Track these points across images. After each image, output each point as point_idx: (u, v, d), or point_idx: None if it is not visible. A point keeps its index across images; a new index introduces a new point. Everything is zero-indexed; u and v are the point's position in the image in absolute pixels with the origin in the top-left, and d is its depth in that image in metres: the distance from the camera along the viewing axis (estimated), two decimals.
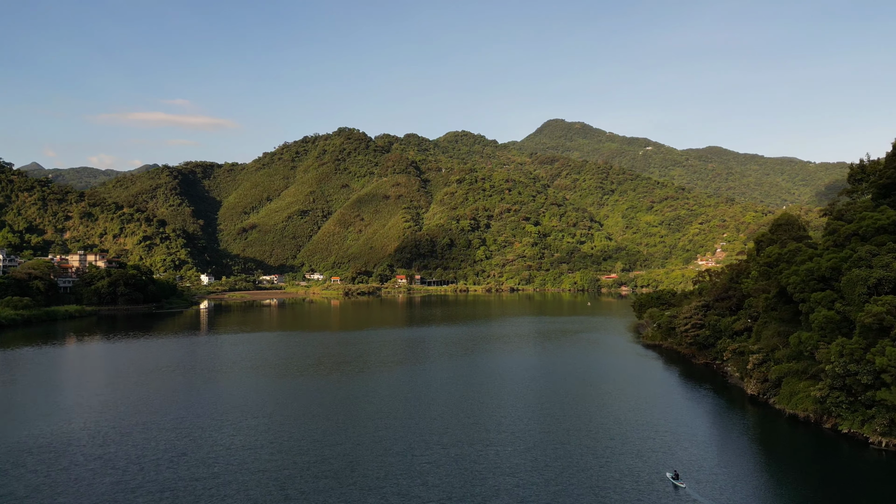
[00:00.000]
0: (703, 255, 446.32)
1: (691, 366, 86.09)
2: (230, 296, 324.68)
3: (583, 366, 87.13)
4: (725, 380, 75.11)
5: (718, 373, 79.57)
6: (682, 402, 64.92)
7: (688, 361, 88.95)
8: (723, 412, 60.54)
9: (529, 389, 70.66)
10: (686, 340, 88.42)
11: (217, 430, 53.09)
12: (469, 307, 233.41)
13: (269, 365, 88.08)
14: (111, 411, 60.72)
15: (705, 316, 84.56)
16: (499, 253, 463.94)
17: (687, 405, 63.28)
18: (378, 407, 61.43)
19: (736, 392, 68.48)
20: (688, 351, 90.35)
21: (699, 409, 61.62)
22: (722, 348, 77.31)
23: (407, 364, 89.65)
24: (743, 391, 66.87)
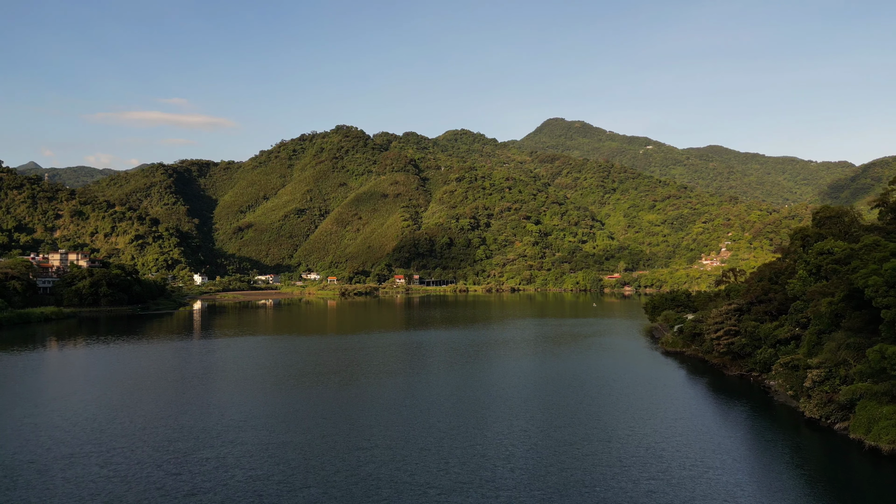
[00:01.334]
0: (707, 255, 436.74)
1: (723, 377, 76.22)
2: (224, 296, 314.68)
3: (599, 377, 77.19)
4: (769, 396, 65.19)
5: (757, 387, 69.68)
6: (724, 423, 55.08)
7: (718, 372, 79.08)
8: (775, 437, 50.73)
9: (541, 408, 60.70)
10: (717, 349, 78.45)
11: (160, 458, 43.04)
12: (469, 308, 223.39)
13: (247, 376, 78.14)
14: (80, 429, 50.84)
15: (740, 321, 74.65)
16: (499, 252, 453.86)
17: (731, 428, 53.44)
18: (362, 433, 51.32)
19: (785, 412, 58.58)
20: (718, 360, 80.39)
21: (746, 433, 51.89)
22: (763, 359, 67.40)
23: (401, 374, 79.62)
24: (795, 411, 56.96)
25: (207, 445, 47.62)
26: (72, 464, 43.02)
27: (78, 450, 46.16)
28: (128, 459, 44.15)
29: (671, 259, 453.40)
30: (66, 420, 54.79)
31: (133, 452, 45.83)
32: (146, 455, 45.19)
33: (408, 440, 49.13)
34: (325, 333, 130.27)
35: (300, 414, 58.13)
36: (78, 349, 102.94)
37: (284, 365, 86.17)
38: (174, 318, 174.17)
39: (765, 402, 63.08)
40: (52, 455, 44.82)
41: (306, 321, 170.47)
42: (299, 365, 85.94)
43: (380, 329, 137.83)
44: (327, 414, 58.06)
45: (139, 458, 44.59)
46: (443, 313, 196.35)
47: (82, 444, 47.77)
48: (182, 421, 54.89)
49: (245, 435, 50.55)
